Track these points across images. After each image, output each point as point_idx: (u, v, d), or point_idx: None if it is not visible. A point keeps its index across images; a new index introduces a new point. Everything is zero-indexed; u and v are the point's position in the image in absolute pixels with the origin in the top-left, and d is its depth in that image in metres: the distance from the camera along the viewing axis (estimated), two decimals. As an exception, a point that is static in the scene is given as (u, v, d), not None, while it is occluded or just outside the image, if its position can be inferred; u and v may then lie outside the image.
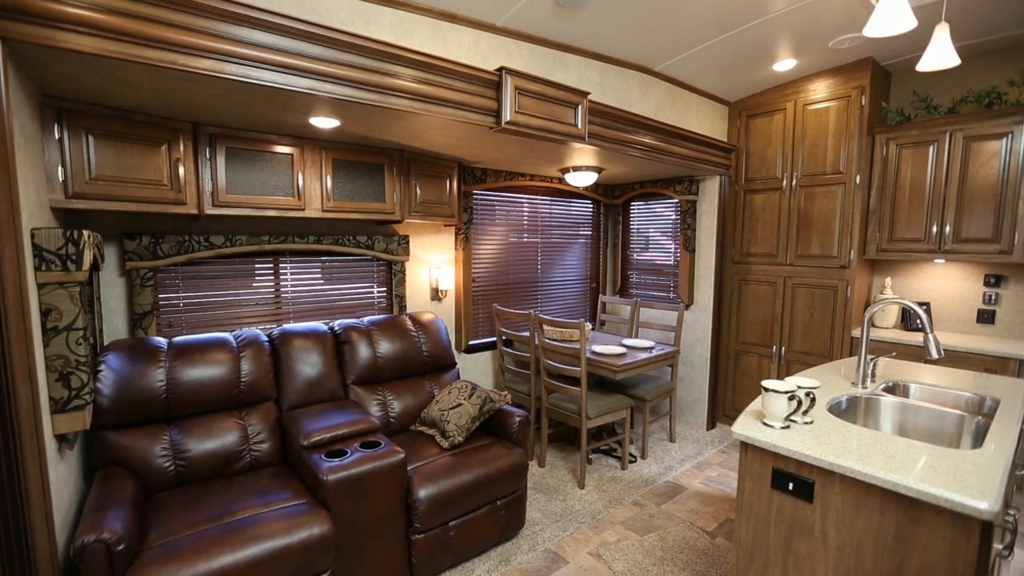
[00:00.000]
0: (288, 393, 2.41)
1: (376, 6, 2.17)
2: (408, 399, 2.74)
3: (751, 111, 3.80)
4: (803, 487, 1.39)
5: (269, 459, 2.26)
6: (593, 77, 2.96)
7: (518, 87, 2.26)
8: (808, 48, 3.04)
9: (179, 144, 2.09)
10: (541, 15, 2.45)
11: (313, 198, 2.50)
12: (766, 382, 1.56)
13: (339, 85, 1.81)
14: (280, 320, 2.77)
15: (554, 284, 4.27)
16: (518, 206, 3.93)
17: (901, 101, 3.48)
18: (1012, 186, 2.82)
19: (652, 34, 2.77)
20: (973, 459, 1.29)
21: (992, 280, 3.14)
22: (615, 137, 2.79)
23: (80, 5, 1.36)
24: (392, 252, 3.07)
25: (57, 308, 1.53)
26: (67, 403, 1.58)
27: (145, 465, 1.98)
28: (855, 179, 3.30)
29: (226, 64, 1.59)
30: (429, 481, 2.17)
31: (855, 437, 1.44)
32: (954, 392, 1.97)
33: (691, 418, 4.16)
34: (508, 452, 2.46)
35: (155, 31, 1.47)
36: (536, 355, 3.32)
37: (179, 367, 2.12)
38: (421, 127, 2.27)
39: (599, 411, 3.05)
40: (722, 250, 3.94)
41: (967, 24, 2.76)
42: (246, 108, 1.95)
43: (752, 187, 3.82)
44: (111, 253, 2.25)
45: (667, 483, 3.14)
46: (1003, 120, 2.82)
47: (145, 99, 1.83)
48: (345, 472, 1.93)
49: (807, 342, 3.58)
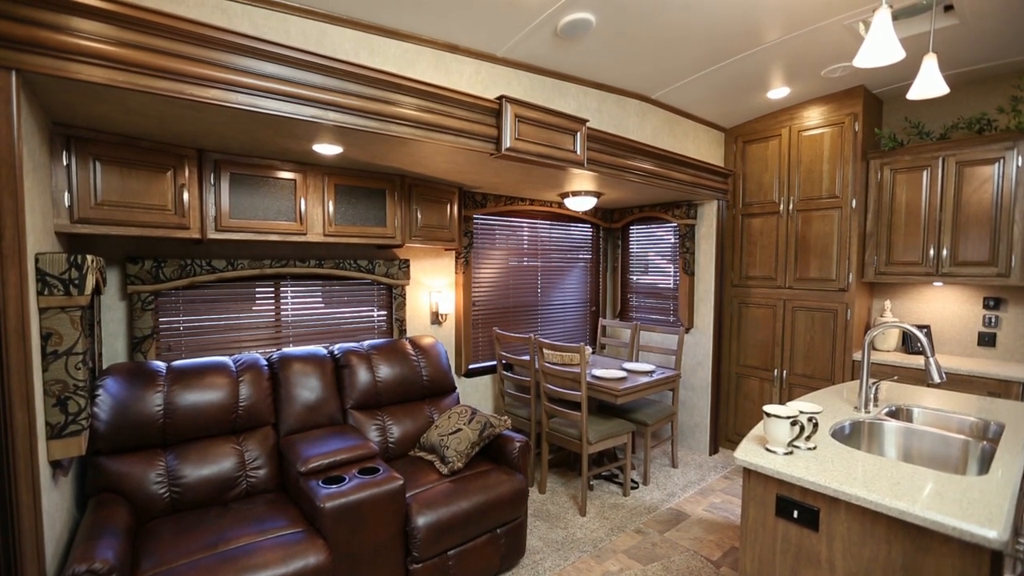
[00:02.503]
0: (286, 418, 2.38)
1: (380, 38, 2.24)
2: (407, 424, 2.71)
3: (747, 137, 3.87)
4: (808, 515, 1.37)
5: (266, 485, 2.22)
6: (591, 104, 3.03)
7: (518, 115, 2.31)
8: (801, 77, 3.12)
9: (184, 170, 2.12)
10: (540, 46, 2.52)
11: (315, 222, 2.52)
12: (768, 407, 1.55)
13: (343, 113, 1.85)
14: (280, 344, 2.77)
15: (554, 308, 4.27)
16: (518, 230, 3.96)
17: (894, 127, 3.55)
18: (1006, 210, 2.85)
19: (648, 63, 2.84)
20: (980, 486, 1.27)
21: (991, 303, 3.15)
22: (614, 163, 2.84)
23: (94, 38, 1.40)
24: (393, 276, 3.08)
25: (58, 332, 1.53)
26: (63, 428, 1.56)
27: (139, 492, 1.95)
28: (851, 203, 3.34)
29: (233, 94, 1.63)
30: (428, 508, 2.13)
31: (859, 463, 1.42)
32: (958, 417, 1.95)
33: (693, 443, 4.11)
34: (508, 478, 2.42)
35: (165, 62, 1.51)
36: (536, 379, 3.30)
37: (177, 391, 2.11)
38: (423, 153, 2.31)
39: (600, 436, 3.01)
40: (721, 273, 3.96)
41: (954, 54, 2.84)
42: (251, 135, 1.99)
43: (750, 211, 3.87)
44: (113, 277, 2.27)
45: (670, 510, 3.08)
46: (994, 146, 2.87)
47: (152, 126, 1.87)
48: (343, 499, 1.90)
49: (808, 365, 3.56)
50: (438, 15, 2.20)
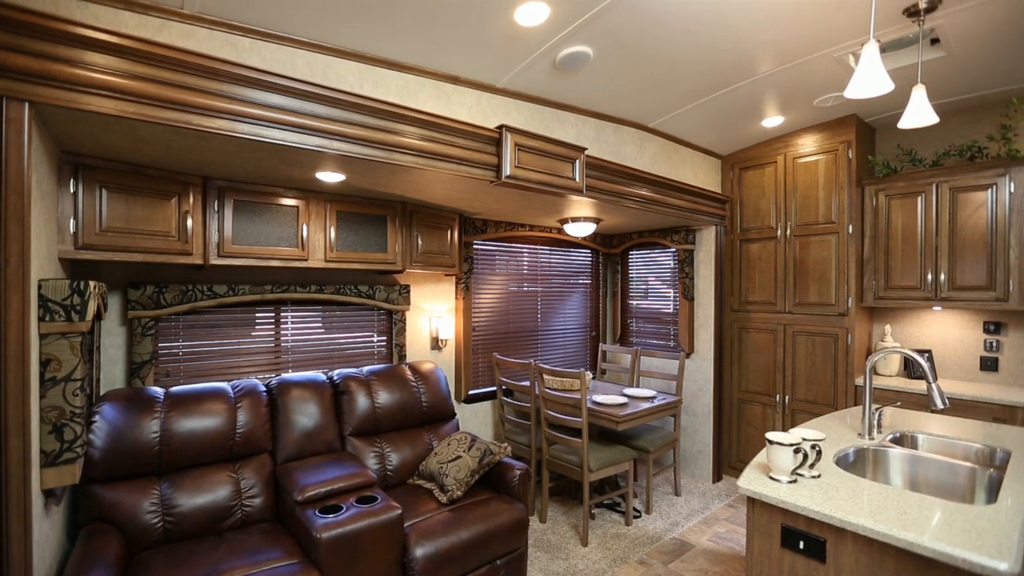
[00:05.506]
0: (284, 445, 2.35)
1: (384, 70, 2.31)
2: (406, 451, 2.67)
3: (743, 164, 3.94)
4: (814, 546, 1.34)
5: (261, 515, 2.18)
6: (590, 133, 3.09)
7: (518, 143, 2.36)
8: (794, 106, 3.19)
9: (189, 197, 2.15)
10: (539, 77, 2.59)
11: (316, 248, 2.54)
12: (770, 434, 1.53)
13: (347, 143, 1.89)
14: (279, 369, 2.75)
15: (554, 333, 4.26)
16: (518, 256, 3.99)
17: (887, 154, 3.61)
18: (1001, 235, 2.88)
19: (645, 94, 2.91)
20: (989, 515, 1.25)
21: (992, 327, 3.15)
22: (612, 189, 2.88)
23: (106, 71, 1.45)
24: (393, 301, 3.09)
25: (57, 358, 1.53)
26: (58, 456, 1.54)
27: (132, 522, 1.91)
28: (848, 228, 3.38)
29: (240, 124, 1.67)
30: (426, 539, 2.08)
31: (865, 492, 1.40)
32: (963, 443, 1.93)
33: (696, 470, 4.04)
34: (508, 507, 2.38)
35: (174, 94, 1.55)
36: (536, 405, 3.27)
37: (174, 418, 2.09)
38: (424, 181, 2.34)
39: (601, 463, 2.97)
40: (721, 298, 3.96)
41: (942, 84, 2.91)
42: (256, 164, 2.03)
43: (748, 236, 3.90)
44: (114, 302, 2.27)
45: (674, 540, 3.01)
46: (986, 172, 2.92)
47: (160, 155, 1.90)
48: (340, 529, 1.86)
49: (810, 391, 3.54)
50: (440, 48, 2.26)
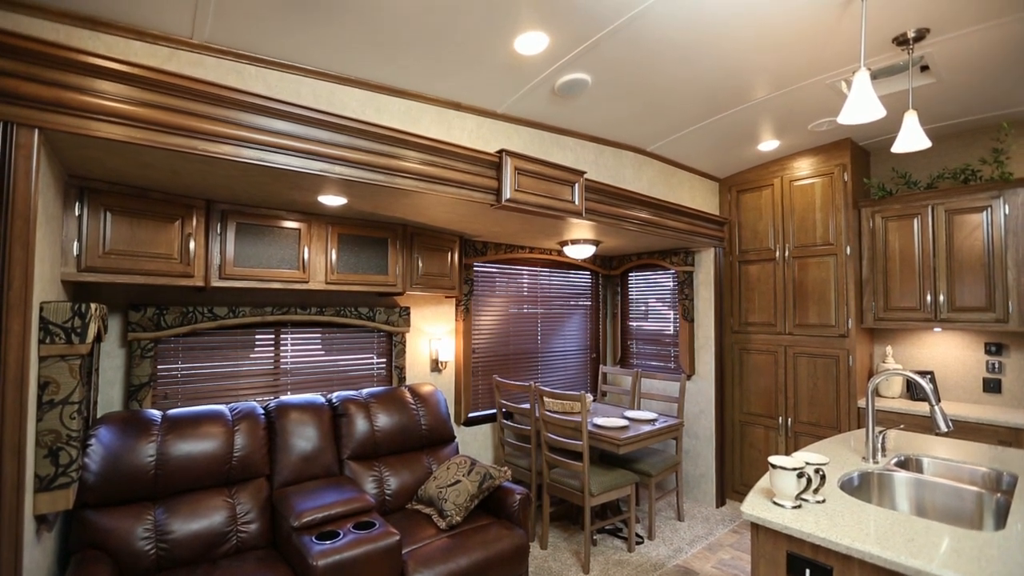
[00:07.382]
0: (281, 469, 2.32)
1: (386, 96, 2.36)
2: (405, 475, 2.64)
3: (740, 187, 3.98)
4: (821, 573, 1.31)
5: (256, 541, 2.14)
6: (589, 157, 3.14)
7: (517, 167, 2.39)
8: (789, 130, 3.25)
9: (192, 219, 2.17)
10: (539, 102, 2.65)
11: (317, 271, 2.56)
12: (773, 458, 1.52)
13: (349, 167, 1.92)
14: (278, 391, 2.73)
15: (554, 355, 4.24)
16: (518, 278, 4.00)
17: (882, 177, 3.66)
18: (998, 256, 2.89)
19: (643, 118, 2.97)
20: (998, 542, 1.23)
21: (993, 348, 3.14)
22: (611, 212, 2.91)
23: (115, 99, 1.48)
24: (393, 323, 3.09)
25: (56, 381, 1.52)
26: (52, 480, 1.52)
27: (125, 549, 1.87)
28: (846, 250, 3.40)
29: (245, 149, 1.70)
30: (425, 566, 2.04)
31: (871, 517, 1.38)
32: (969, 467, 1.90)
33: (699, 494, 3.97)
34: (508, 533, 2.33)
35: (181, 120, 1.58)
36: (537, 428, 3.23)
37: (171, 442, 2.07)
38: (425, 204, 2.37)
39: (603, 487, 2.92)
40: (721, 320, 3.96)
41: (934, 110, 2.97)
42: (259, 187, 2.05)
43: (746, 258, 3.92)
44: (115, 324, 2.27)
45: (677, 567, 2.94)
46: (980, 195, 2.96)
47: (165, 179, 1.93)
48: (336, 556, 1.83)
49: (813, 413, 3.51)
50: (442, 76, 2.32)
